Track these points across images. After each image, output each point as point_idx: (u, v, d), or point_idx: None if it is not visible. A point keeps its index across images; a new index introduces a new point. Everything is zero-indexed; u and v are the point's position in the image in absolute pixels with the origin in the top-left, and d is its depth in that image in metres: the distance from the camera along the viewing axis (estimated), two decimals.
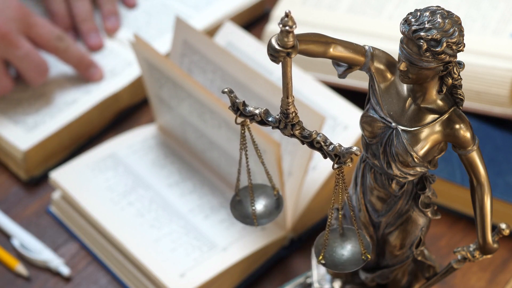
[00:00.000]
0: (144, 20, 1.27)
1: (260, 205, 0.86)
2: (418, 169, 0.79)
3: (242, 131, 0.80)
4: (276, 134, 1.00)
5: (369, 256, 0.80)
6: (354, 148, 0.74)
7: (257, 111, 0.77)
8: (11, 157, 1.15)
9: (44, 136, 1.15)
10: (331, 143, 0.75)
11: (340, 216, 0.82)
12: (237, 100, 0.77)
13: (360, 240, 0.80)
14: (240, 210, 0.86)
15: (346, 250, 0.81)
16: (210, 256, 1.03)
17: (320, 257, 0.80)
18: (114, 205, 1.08)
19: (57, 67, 1.21)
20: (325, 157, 0.76)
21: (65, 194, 1.09)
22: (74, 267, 1.07)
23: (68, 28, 1.23)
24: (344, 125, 1.08)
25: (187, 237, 1.05)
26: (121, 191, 1.10)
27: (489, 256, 0.83)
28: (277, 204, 0.86)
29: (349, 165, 0.75)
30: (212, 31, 1.25)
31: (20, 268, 1.06)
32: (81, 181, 1.10)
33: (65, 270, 1.06)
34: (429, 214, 0.83)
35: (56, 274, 1.07)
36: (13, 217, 1.12)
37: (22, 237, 1.09)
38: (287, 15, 0.68)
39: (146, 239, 1.05)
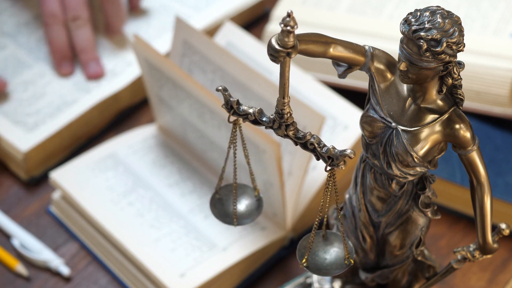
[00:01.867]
0: (144, 21, 1.27)
1: (241, 205, 0.85)
2: (418, 169, 0.79)
3: (233, 130, 0.80)
4: None
5: (352, 261, 0.80)
6: (348, 151, 0.74)
7: (251, 110, 0.77)
8: (11, 157, 1.15)
9: (44, 136, 1.15)
10: (324, 145, 0.75)
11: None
12: (231, 99, 0.77)
13: (344, 244, 0.80)
14: (220, 209, 0.85)
15: (329, 254, 0.81)
16: (210, 256, 1.03)
17: (304, 260, 0.80)
18: (114, 205, 1.08)
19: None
20: (318, 159, 0.76)
21: (65, 194, 1.09)
22: (74, 267, 1.07)
23: (68, 57, 1.21)
24: (344, 125, 1.08)
25: (187, 237, 1.05)
26: (121, 191, 1.10)
27: (489, 256, 0.83)
28: (258, 205, 0.86)
29: (342, 167, 0.75)
30: (211, 32, 1.25)
31: (20, 268, 1.06)
32: (81, 181, 1.10)
33: (65, 270, 1.06)
34: (429, 214, 0.83)
35: (56, 274, 1.07)
36: (13, 217, 1.12)
37: (22, 237, 1.09)
38: (289, 15, 0.68)
39: (146, 239, 1.05)
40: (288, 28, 0.68)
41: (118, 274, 1.06)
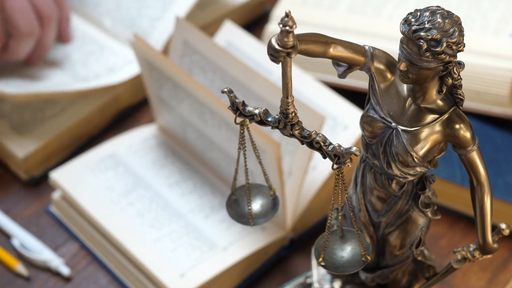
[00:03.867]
0: (135, 12, 1.26)
1: (256, 205, 0.86)
2: (418, 169, 0.79)
3: (241, 131, 0.80)
4: (276, 134, 1.00)
5: (369, 258, 0.80)
6: (354, 149, 0.74)
7: (256, 111, 0.77)
8: (11, 157, 1.15)
9: (44, 136, 1.15)
10: (330, 143, 0.75)
11: (339, 216, 0.82)
12: (236, 100, 0.77)
13: (360, 241, 0.80)
14: (236, 210, 0.86)
15: (346, 251, 0.81)
16: (210, 256, 1.03)
17: (320, 259, 0.80)
18: (114, 205, 1.08)
19: (57, 65, 1.21)
20: (324, 157, 0.76)
21: (65, 194, 1.09)
22: (74, 267, 1.07)
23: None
24: (344, 125, 1.08)
25: (187, 237, 1.05)
26: (121, 191, 1.09)
27: (489, 256, 0.83)
28: (273, 204, 0.86)
29: (348, 165, 0.75)
30: (209, 29, 1.25)
31: (20, 268, 1.06)
32: (81, 181, 1.10)
33: (65, 270, 1.06)
34: (429, 214, 0.83)
35: (56, 274, 1.07)
36: (13, 217, 1.12)
37: (22, 237, 1.09)
38: (287, 15, 0.68)
39: (146, 239, 1.05)
40: (287, 28, 0.68)
41: (118, 274, 1.06)
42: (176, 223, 1.06)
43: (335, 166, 0.75)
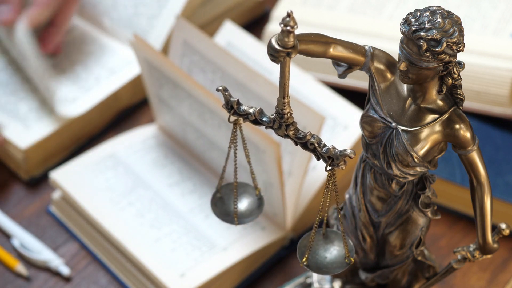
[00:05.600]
0: (132, 10, 1.26)
1: (242, 204, 0.86)
2: (418, 169, 0.79)
3: (234, 130, 0.80)
4: None
5: (352, 260, 0.80)
6: (348, 151, 0.74)
7: (251, 110, 0.77)
8: (11, 157, 1.15)
9: (44, 135, 1.15)
10: (325, 145, 0.75)
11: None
12: (231, 99, 0.77)
13: (344, 243, 0.80)
14: (221, 208, 0.86)
15: (329, 252, 0.81)
16: (210, 256, 1.03)
17: (304, 259, 0.80)
18: (114, 205, 1.08)
19: (57, 66, 1.21)
20: (318, 159, 0.76)
21: (65, 194, 1.09)
22: (74, 267, 1.07)
23: None
24: (344, 125, 1.08)
25: (187, 237, 1.05)
26: (121, 191, 1.09)
27: (489, 256, 0.83)
28: (259, 204, 0.86)
29: (342, 167, 0.75)
30: (209, 30, 1.25)
31: (20, 268, 1.06)
32: (81, 181, 1.10)
33: (65, 270, 1.06)
34: (429, 214, 0.83)
35: (56, 274, 1.07)
36: (13, 217, 1.12)
37: (22, 237, 1.09)
38: (289, 15, 0.68)
39: (146, 239, 1.05)
40: (288, 28, 0.68)
41: (118, 274, 1.06)
42: (176, 223, 1.06)
43: (328, 168, 0.75)
